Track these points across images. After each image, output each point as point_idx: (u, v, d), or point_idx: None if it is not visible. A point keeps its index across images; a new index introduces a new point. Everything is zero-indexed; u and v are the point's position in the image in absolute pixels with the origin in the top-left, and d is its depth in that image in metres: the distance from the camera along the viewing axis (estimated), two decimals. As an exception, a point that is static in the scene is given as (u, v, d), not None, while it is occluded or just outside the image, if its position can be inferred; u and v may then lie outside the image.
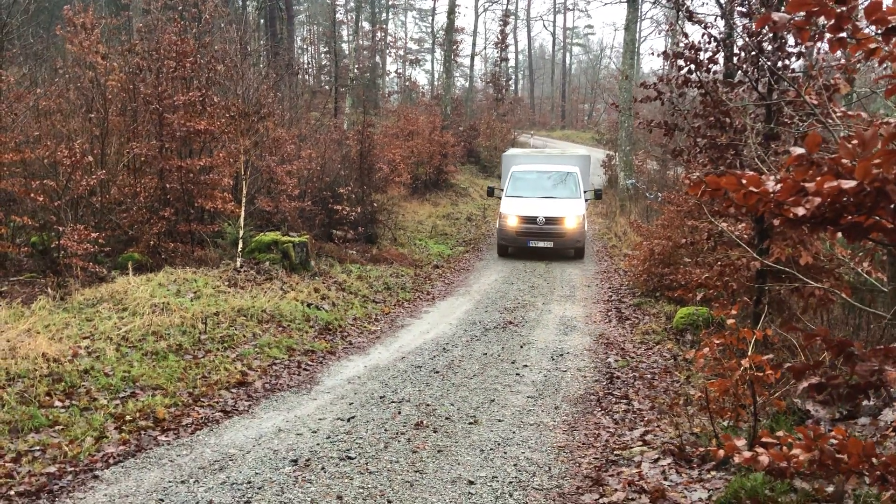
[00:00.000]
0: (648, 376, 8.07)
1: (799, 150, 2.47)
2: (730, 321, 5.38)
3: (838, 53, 6.50)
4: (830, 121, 5.71)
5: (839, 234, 2.70)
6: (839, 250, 7.66)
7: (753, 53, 7.63)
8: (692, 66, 8.11)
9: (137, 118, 14.26)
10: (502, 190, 19.06)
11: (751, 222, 8.14)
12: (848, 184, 2.20)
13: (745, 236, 8.64)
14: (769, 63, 7.69)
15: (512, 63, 61.58)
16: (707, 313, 9.71)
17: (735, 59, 8.54)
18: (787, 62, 7.79)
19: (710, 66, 8.02)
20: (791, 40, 7.73)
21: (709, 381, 5.66)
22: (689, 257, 11.62)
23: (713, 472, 4.79)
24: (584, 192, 18.65)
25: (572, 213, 17.27)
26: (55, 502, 4.65)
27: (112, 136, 14.09)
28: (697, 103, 8.48)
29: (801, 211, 2.26)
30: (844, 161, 2.43)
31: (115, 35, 17.59)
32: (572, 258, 17.73)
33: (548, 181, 18.86)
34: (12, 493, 4.72)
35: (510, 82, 52.34)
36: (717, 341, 5.27)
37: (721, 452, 3.26)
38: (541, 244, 17.09)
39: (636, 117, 22.01)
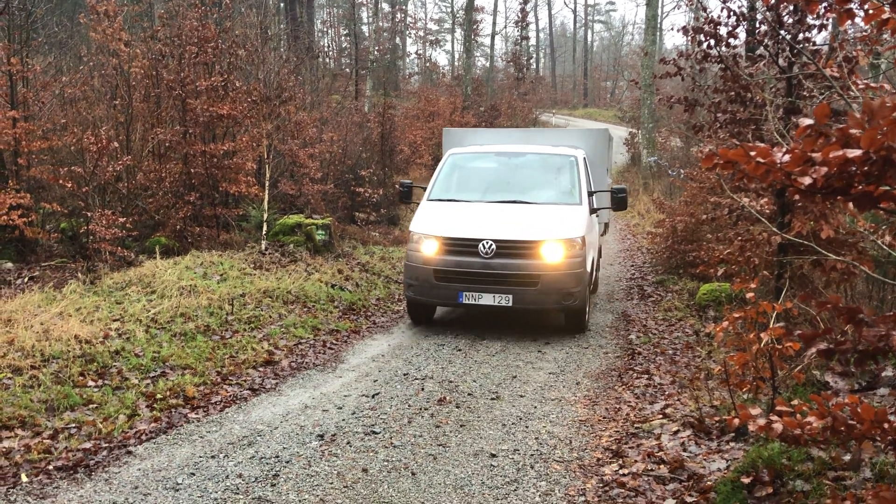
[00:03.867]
0: (670, 352, 8.11)
1: (808, 121, 2.51)
2: (749, 295, 5.41)
3: (864, 25, 6.45)
4: (851, 93, 5.69)
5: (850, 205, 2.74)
6: (860, 223, 7.62)
7: (773, 27, 7.58)
8: (712, 41, 8.07)
9: (161, 104, 14.44)
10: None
11: (772, 197, 8.12)
12: (853, 152, 2.24)
13: (767, 211, 8.63)
14: (789, 36, 7.64)
15: (533, 42, 61.16)
16: (729, 289, 9.71)
17: (756, 32, 8.49)
18: (808, 35, 7.73)
19: (729, 41, 7.97)
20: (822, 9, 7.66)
21: (729, 355, 5.70)
22: (711, 233, 11.59)
23: (732, 444, 4.85)
24: (593, 192, 9.86)
25: (559, 233, 8.66)
26: (91, 476, 4.81)
27: (136, 123, 14.29)
28: (717, 78, 8.44)
29: (807, 180, 2.31)
30: (853, 131, 2.46)
31: (137, 22, 17.75)
32: (562, 327, 9.28)
33: (519, 173, 10.24)
34: (51, 467, 4.90)
35: (531, 61, 52.03)
36: (737, 315, 5.30)
37: (736, 421, 3.32)
38: (487, 299, 8.59)
39: (657, 94, 21.81)
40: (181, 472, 4.86)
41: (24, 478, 4.73)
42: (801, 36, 7.72)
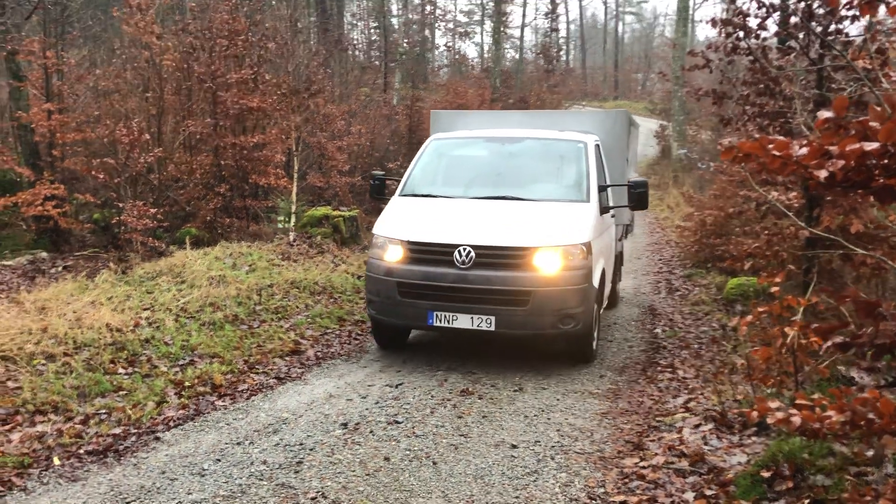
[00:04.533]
0: (695, 346, 8.08)
1: (827, 114, 2.50)
2: (774, 289, 5.37)
3: (890, 17, 6.35)
4: (884, 85, 5.61)
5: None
6: (892, 218, 7.52)
7: (804, 18, 7.49)
8: (741, 33, 7.98)
9: (192, 97, 14.63)
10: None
11: (801, 190, 8.03)
12: (870, 145, 2.23)
13: (796, 205, 8.53)
14: (820, 27, 7.54)
15: (563, 33, 60.80)
16: (756, 283, 9.63)
17: (787, 24, 8.37)
18: (839, 26, 7.62)
19: (759, 33, 7.88)
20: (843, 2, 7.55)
21: (752, 349, 5.67)
22: (740, 227, 11.49)
23: (754, 438, 4.83)
24: (606, 186, 8.12)
25: (556, 238, 6.99)
26: (121, 460, 4.93)
27: (168, 115, 14.50)
28: (746, 71, 8.35)
29: (823, 173, 2.30)
30: (873, 124, 2.45)
31: (168, 15, 17.96)
32: (568, 356, 7.48)
33: (514, 163, 8.42)
34: (82, 451, 5.03)
35: (561, 53, 51.71)
36: (761, 309, 5.27)
37: (755, 414, 3.32)
38: (463, 321, 6.91)
39: (686, 86, 21.57)
40: (207, 458, 4.96)
41: (56, 461, 4.86)
42: (832, 27, 7.62)
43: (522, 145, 8.58)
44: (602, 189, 7.89)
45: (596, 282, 7.29)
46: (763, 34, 8.03)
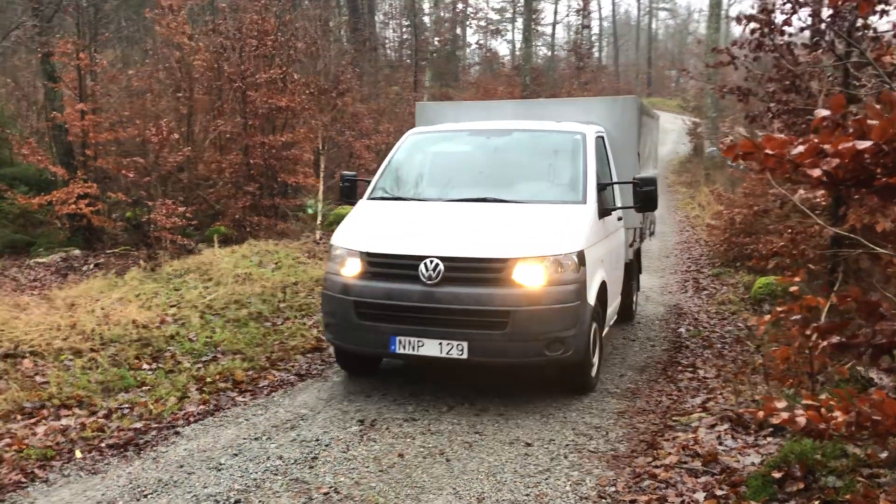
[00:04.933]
0: (718, 346, 8.01)
1: (824, 112, 2.49)
2: (793, 289, 5.31)
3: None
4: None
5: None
6: (920, 216, 7.38)
7: (831, 13, 7.37)
8: (765, 29, 7.88)
9: (222, 96, 14.84)
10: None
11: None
12: (863, 144, 2.21)
13: (824, 203, 8.41)
14: (847, 23, 7.42)
15: (596, 30, 60.39)
16: (776, 282, 9.51)
17: (817, 18, 8.24)
18: (866, 21, 7.48)
19: (783, 29, 7.78)
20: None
21: (771, 349, 5.61)
22: (771, 225, 11.34)
23: (769, 439, 4.79)
24: (608, 184, 7.14)
25: (540, 247, 5.93)
26: (140, 454, 5.04)
27: (198, 114, 14.72)
28: (771, 67, 8.25)
29: (816, 172, 2.29)
30: (871, 122, 2.43)
31: (199, 16, 18.22)
32: (560, 386, 6.44)
33: (499, 160, 7.41)
34: (103, 444, 5.15)
35: (593, 50, 51.35)
36: (780, 309, 5.22)
37: (761, 414, 3.30)
38: (430, 347, 5.86)
39: (710, 83, 21.30)
40: (225, 453, 5.05)
41: (78, 454, 4.99)
42: (859, 22, 7.49)
43: (510, 139, 7.54)
44: (603, 188, 6.85)
45: (592, 298, 6.16)
46: (788, 30, 7.92)
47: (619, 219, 7.62)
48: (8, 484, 4.52)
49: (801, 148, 2.43)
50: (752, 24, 8.04)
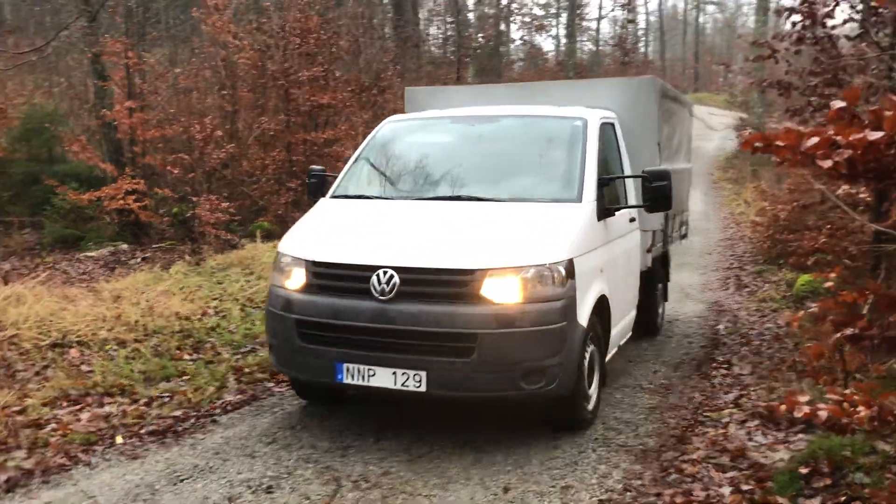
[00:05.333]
0: (756, 343, 7.92)
1: (839, 104, 2.48)
2: (828, 284, 5.26)
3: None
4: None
5: None
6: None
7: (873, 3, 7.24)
8: (807, 22, 7.77)
9: (266, 94, 15.09)
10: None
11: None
12: (874, 135, 2.21)
13: (868, 199, 8.25)
14: (892, 12, 7.28)
15: (642, 24, 59.70)
16: (811, 278, 9.35)
17: (868, 7, 8.08)
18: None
19: (825, 21, 7.66)
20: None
21: (805, 345, 5.55)
22: (815, 221, 11.14)
23: (800, 434, 4.75)
24: (610, 178, 5.96)
25: (516, 256, 4.86)
26: (178, 441, 5.20)
27: (242, 112, 15.00)
28: (813, 61, 8.12)
29: (827, 163, 2.29)
30: (887, 113, 2.42)
31: (244, 15, 18.54)
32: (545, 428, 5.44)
33: (483, 151, 6.27)
34: (143, 431, 5.33)
35: (638, 45, 50.80)
36: (813, 305, 5.17)
37: (783, 407, 3.29)
38: (382, 377, 4.85)
39: (748, 77, 20.93)
40: (259, 441, 5.18)
41: (118, 439, 5.17)
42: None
43: (497, 126, 6.46)
44: (605, 184, 5.73)
45: (584, 317, 5.07)
46: (831, 22, 7.80)
47: (633, 220, 6.60)
48: (53, 466, 4.72)
49: (814, 139, 2.43)
50: (795, 17, 7.95)
